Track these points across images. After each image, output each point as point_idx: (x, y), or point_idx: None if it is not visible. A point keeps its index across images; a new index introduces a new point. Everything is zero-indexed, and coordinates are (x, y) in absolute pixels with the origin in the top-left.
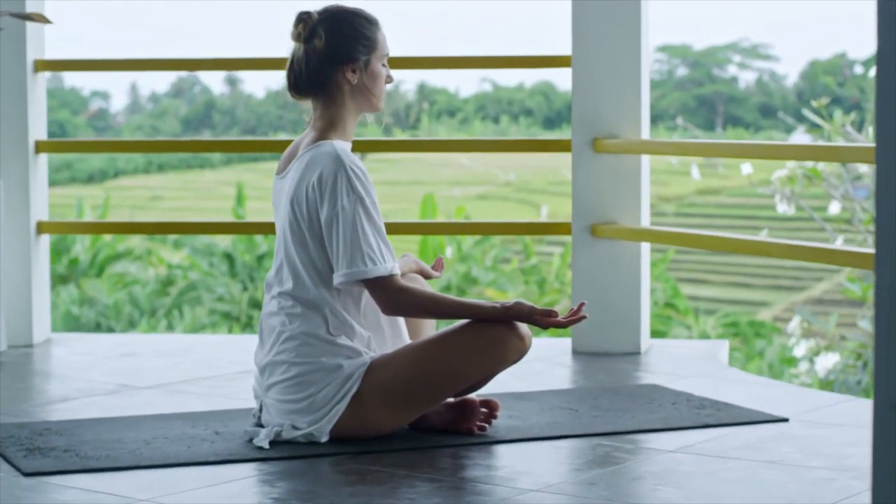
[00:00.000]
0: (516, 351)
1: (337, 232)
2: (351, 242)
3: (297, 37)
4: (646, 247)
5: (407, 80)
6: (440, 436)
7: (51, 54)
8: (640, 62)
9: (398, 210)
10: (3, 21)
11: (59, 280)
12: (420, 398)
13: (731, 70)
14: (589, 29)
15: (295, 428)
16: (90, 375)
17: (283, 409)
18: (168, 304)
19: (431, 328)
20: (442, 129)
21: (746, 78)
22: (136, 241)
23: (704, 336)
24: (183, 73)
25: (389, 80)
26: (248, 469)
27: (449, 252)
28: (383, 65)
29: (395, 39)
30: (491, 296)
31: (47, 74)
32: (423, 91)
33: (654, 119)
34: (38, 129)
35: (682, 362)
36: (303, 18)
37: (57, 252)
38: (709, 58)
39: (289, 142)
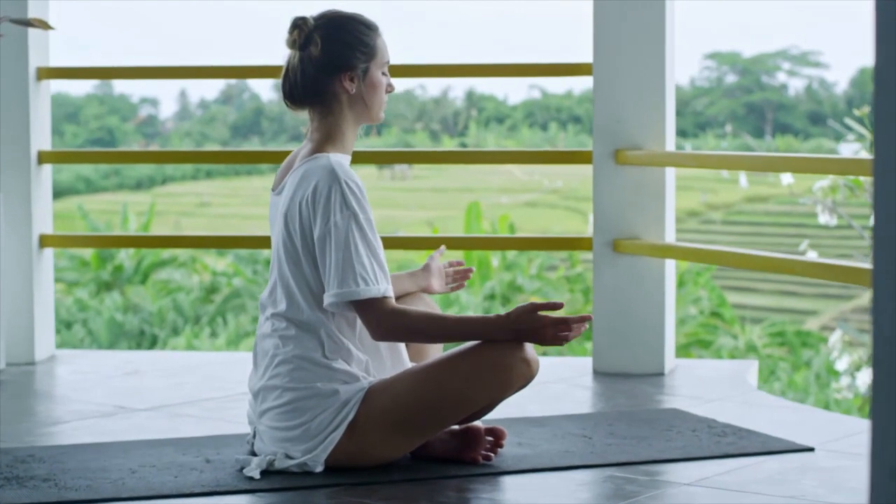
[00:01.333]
0: (522, 377)
1: (329, 250)
2: (343, 261)
3: (292, 44)
4: (671, 263)
5: (455, 87)
6: (443, 465)
7: (62, 62)
8: (665, 69)
9: (444, 218)
10: (3, 27)
11: (103, 286)
12: (420, 426)
13: (781, 77)
14: (611, 35)
15: (288, 457)
16: (88, 396)
17: (277, 437)
18: (212, 312)
19: (436, 351)
20: (490, 136)
21: (796, 85)
22: (180, 248)
23: (750, 346)
24: (232, 80)
25: (390, 88)
26: (237, 501)
27: (495, 261)
28: (383, 73)
29: (414, 44)
30: None
31: (52, 82)
32: (472, 98)
33: (703, 126)
34: (41, 139)
35: (707, 384)
36: (298, 24)
37: (102, 259)
38: (758, 65)
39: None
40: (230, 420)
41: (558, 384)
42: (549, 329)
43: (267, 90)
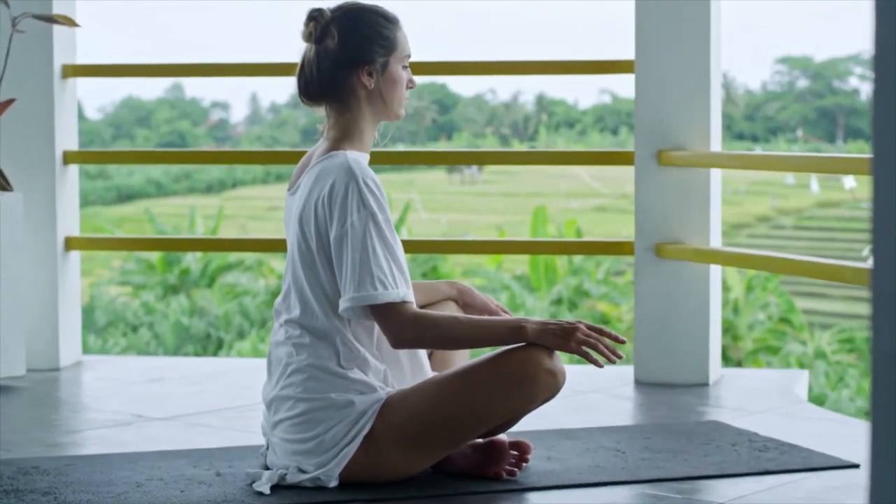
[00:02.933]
0: (547, 388)
1: (346, 252)
2: (360, 263)
3: (307, 37)
4: (716, 269)
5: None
6: (464, 481)
7: (96, 59)
8: (710, 66)
9: (513, 222)
10: (27, 24)
11: (169, 290)
12: (440, 440)
13: (853, 82)
14: (653, 30)
15: (301, 471)
16: (106, 404)
17: (289, 450)
18: None
19: (462, 359)
20: (560, 140)
21: (868, 90)
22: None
23: (819, 352)
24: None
25: (411, 84)
26: None
27: (561, 265)
28: (404, 67)
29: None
30: (603, 310)
31: (78, 80)
32: (542, 102)
33: (775, 131)
34: (67, 139)
35: (753, 395)
36: (314, 16)
37: (168, 262)
38: (830, 69)
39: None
40: (248, 430)
41: (597, 394)
42: (580, 332)
43: None
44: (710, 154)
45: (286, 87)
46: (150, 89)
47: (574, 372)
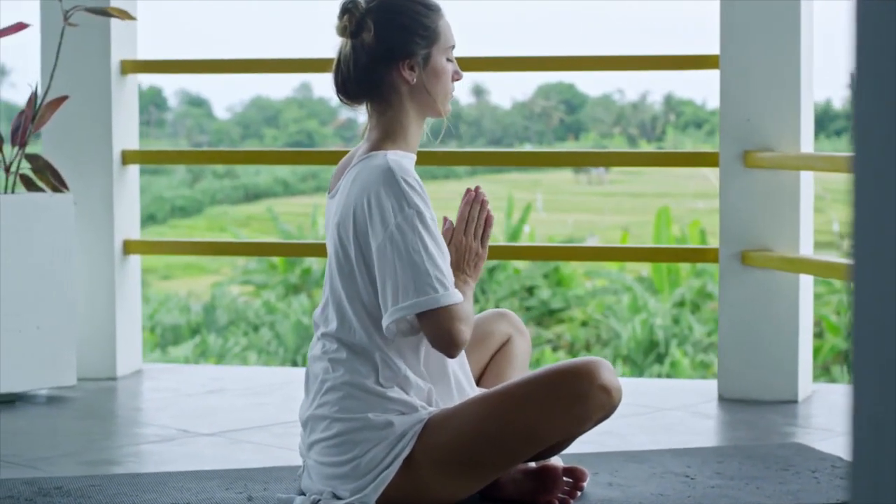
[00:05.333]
0: (601, 407)
1: (394, 257)
2: (413, 265)
3: (342, 31)
4: (806, 278)
5: (654, 92)
6: None
7: (160, 55)
8: (801, 61)
9: (639, 223)
10: (81, 17)
11: (291, 290)
12: (485, 463)
13: None
14: (740, 23)
15: (336, 497)
16: (154, 417)
17: (324, 473)
18: None
19: (515, 375)
20: (688, 140)
21: None
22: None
23: None
24: None
25: (457, 76)
26: None
27: (684, 266)
28: (448, 59)
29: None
30: None
31: (139, 77)
32: (670, 103)
33: None
34: (126, 138)
35: (844, 414)
36: (348, 8)
37: (290, 262)
38: None
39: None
40: (296, 449)
41: (676, 411)
42: None
43: (465, 94)
44: (799, 156)
45: None
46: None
47: (655, 387)
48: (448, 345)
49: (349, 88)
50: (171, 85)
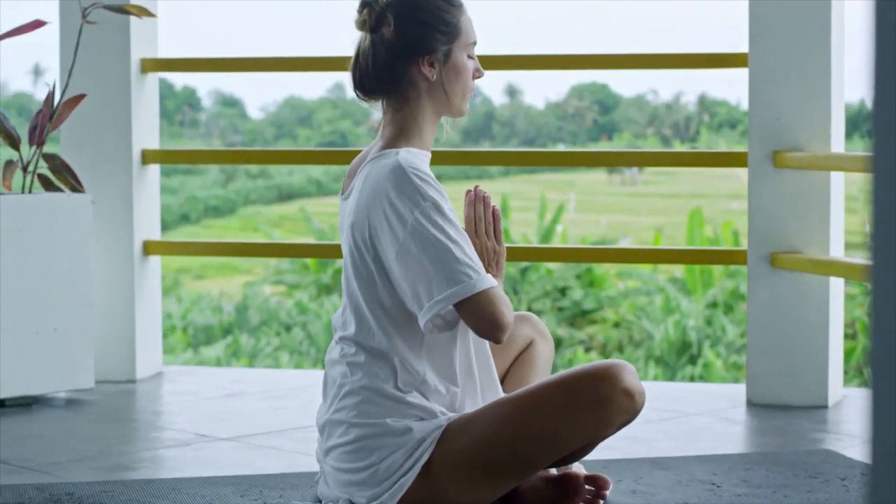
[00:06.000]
0: (623, 411)
1: (419, 252)
2: (441, 256)
3: (361, 24)
4: (836, 281)
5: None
6: None
7: (180, 53)
8: (831, 59)
9: (673, 223)
10: (99, 15)
11: (323, 289)
12: (505, 469)
13: None
14: (769, 19)
15: None
16: (172, 421)
17: (341, 480)
18: None
19: (540, 374)
20: (722, 141)
21: None
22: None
23: None
24: None
25: (478, 74)
26: None
27: (717, 267)
28: (469, 56)
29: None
30: None
31: (158, 75)
32: (704, 103)
33: None
34: (146, 137)
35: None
36: (368, 2)
37: (322, 263)
38: None
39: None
40: (314, 454)
41: (703, 416)
42: None
43: (499, 94)
44: (830, 156)
45: None
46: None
47: (682, 391)
48: (493, 328)
49: (367, 84)
50: (205, 85)
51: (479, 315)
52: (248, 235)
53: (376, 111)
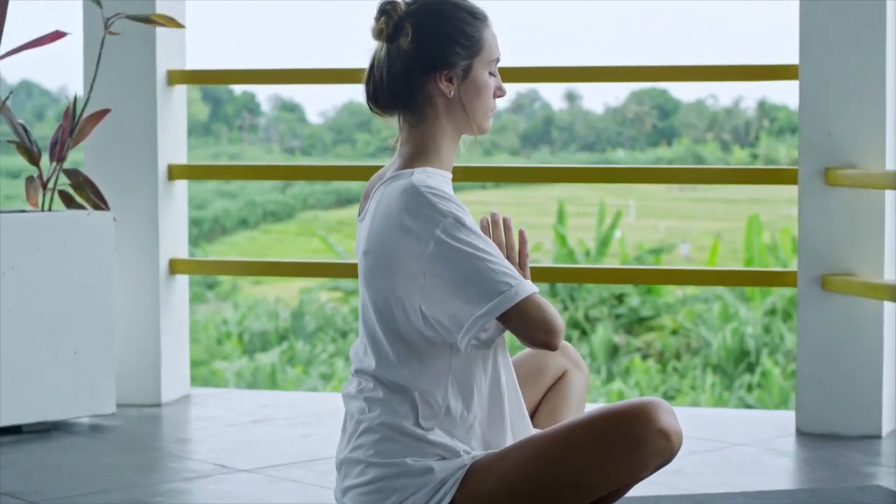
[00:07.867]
0: (659, 454)
1: (447, 273)
2: (473, 271)
3: (378, 34)
4: (891, 306)
5: (747, 98)
6: None
7: (210, 64)
8: (886, 72)
9: (732, 229)
10: (123, 25)
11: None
12: None
13: None
14: (821, 31)
15: None
16: (193, 450)
17: None
18: None
19: (573, 407)
20: (781, 146)
21: None
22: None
23: None
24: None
25: (500, 92)
26: None
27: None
28: (491, 73)
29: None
30: None
31: (185, 88)
32: (764, 108)
33: None
34: (173, 152)
35: None
36: (386, 10)
37: None
38: None
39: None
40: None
41: (750, 447)
42: None
43: (558, 99)
44: (885, 173)
45: (508, 94)
46: None
47: (730, 418)
48: (547, 334)
49: (381, 97)
50: (264, 90)
51: (528, 323)
52: (306, 240)
53: (392, 126)
